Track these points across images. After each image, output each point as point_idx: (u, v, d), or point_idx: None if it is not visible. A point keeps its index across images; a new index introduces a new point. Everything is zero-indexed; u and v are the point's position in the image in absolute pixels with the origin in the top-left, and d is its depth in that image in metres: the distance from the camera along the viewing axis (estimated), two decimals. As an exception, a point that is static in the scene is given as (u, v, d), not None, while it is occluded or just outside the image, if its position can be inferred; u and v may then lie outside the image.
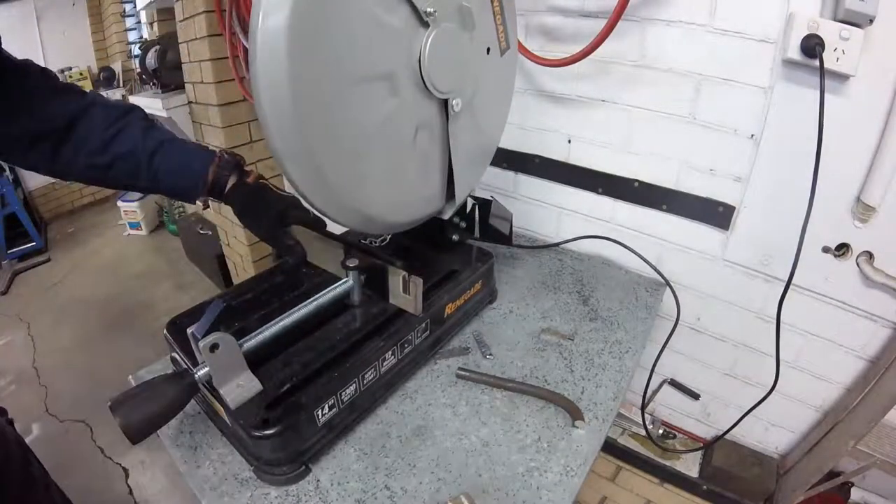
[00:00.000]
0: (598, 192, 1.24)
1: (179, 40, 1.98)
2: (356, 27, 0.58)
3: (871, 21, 0.79)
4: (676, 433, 1.45)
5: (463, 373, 0.83)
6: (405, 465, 0.69)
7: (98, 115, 0.68)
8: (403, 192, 0.78)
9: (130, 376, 0.84)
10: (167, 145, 0.71)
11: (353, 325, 0.77)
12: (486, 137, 0.93)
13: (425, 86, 0.69)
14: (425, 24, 0.66)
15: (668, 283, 1.13)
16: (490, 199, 1.00)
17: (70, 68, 3.53)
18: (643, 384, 1.25)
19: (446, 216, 0.90)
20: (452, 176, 0.84)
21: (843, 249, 0.99)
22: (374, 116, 0.65)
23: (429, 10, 0.65)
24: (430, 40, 0.67)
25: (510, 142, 1.33)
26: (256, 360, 0.65)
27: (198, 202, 0.75)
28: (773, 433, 1.29)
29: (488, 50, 0.81)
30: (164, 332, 0.75)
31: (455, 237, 0.96)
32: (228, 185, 0.74)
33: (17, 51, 0.63)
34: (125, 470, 1.69)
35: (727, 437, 1.27)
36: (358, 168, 0.67)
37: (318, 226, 0.76)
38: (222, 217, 2.26)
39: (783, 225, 0.99)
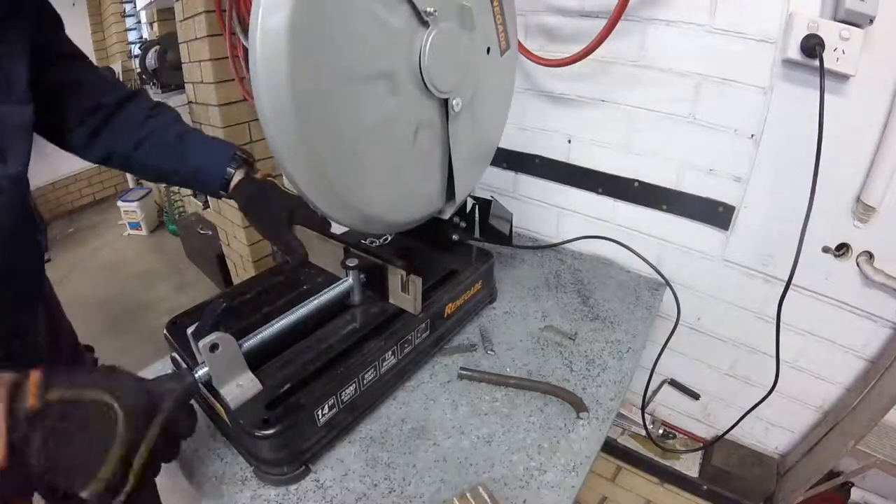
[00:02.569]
0: (598, 192, 1.24)
1: (179, 40, 1.98)
2: (356, 26, 0.58)
3: (871, 21, 0.79)
4: (676, 433, 1.45)
5: (465, 372, 0.83)
6: (405, 465, 0.69)
7: (142, 101, 0.77)
8: (403, 192, 0.78)
9: (130, 376, 0.84)
10: (195, 133, 0.78)
11: (353, 325, 0.77)
12: (487, 137, 0.93)
13: (425, 85, 0.69)
14: (425, 24, 0.66)
15: (668, 283, 1.13)
16: (490, 199, 1.00)
17: (70, 68, 3.53)
18: (643, 384, 1.25)
19: (446, 216, 0.90)
20: (452, 175, 0.84)
21: (843, 249, 0.99)
22: (375, 116, 0.65)
23: (429, 9, 0.65)
24: (430, 40, 0.66)
25: (510, 142, 1.33)
26: (256, 360, 0.65)
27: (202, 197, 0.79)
28: (773, 433, 1.29)
29: (488, 50, 0.81)
30: (164, 332, 0.75)
31: (455, 237, 0.96)
32: (235, 181, 0.76)
33: (17, 51, 0.63)
34: (125, 470, 1.68)
35: (727, 437, 1.27)
36: (358, 167, 0.67)
37: (323, 227, 0.77)
38: (222, 217, 2.26)
39: (783, 225, 0.99)
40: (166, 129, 0.76)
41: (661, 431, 1.45)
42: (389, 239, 1.02)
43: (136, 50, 3.44)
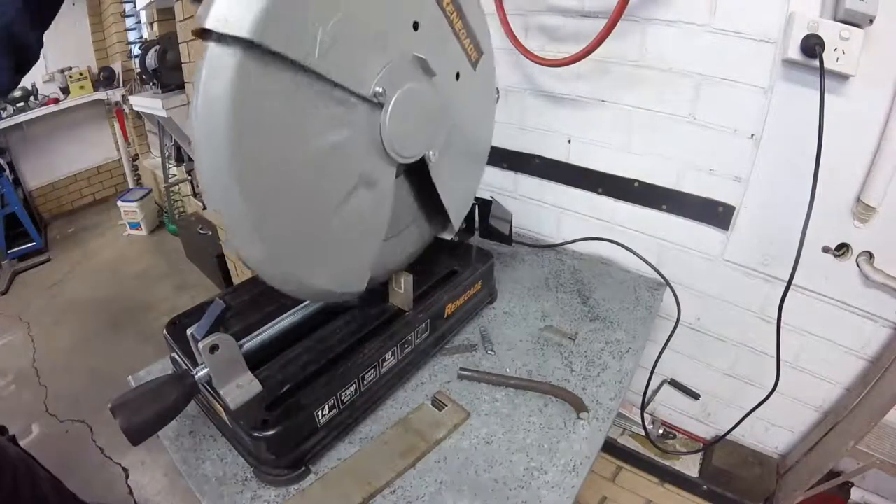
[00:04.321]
0: (598, 192, 1.24)
1: (179, 40, 1.98)
2: (315, 170, 0.56)
3: (871, 21, 0.79)
4: (676, 433, 1.45)
5: (465, 373, 0.83)
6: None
7: None
8: (389, 257, 0.77)
9: (130, 376, 0.84)
10: None
11: (353, 326, 0.77)
12: (474, 153, 0.88)
13: (399, 162, 0.67)
14: (378, 105, 0.61)
15: (668, 284, 1.13)
16: (490, 199, 1.00)
17: (70, 68, 3.53)
18: (643, 384, 1.25)
19: (449, 237, 0.90)
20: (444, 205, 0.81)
21: (843, 249, 0.99)
22: (354, 216, 0.63)
23: (377, 90, 0.59)
24: (388, 117, 0.62)
25: (510, 142, 1.33)
26: (256, 361, 0.65)
27: None
28: (773, 433, 1.29)
29: (458, 75, 0.74)
30: (164, 332, 0.75)
31: (455, 237, 0.96)
32: None
33: (17, 51, 0.63)
34: (125, 470, 1.69)
35: (727, 436, 1.27)
36: (334, 261, 0.63)
37: None
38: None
39: (783, 225, 0.99)
40: None
41: (661, 431, 1.45)
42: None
43: (136, 50, 3.44)
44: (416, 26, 0.63)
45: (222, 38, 0.45)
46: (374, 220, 0.68)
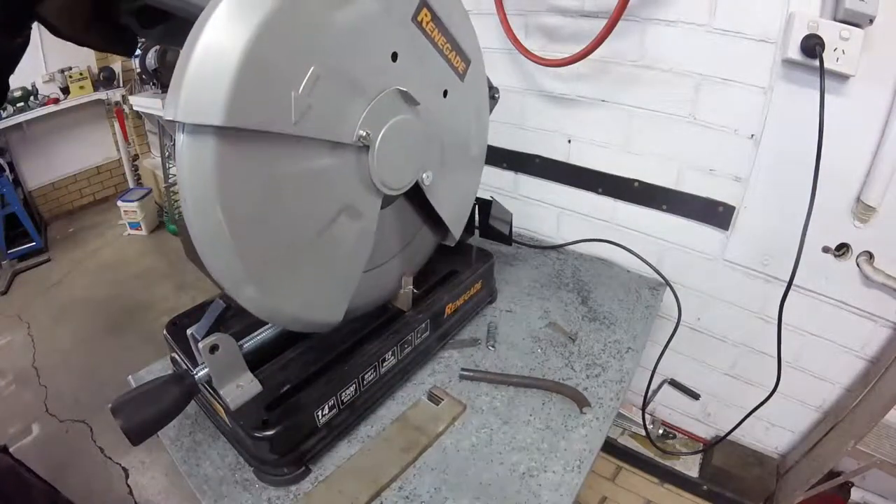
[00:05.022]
0: (598, 192, 1.24)
1: (179, 40, 1.97)
2: (298, 202, 0.55)
3: (871, 21, 0.79)
4: (676, 433, 1.45)
5: (466, 373, 0.83)
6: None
7: None
8: (371, 289, 0.75)
9: (130, 376, 0.84)
10: None
11: (353, 326, 0.77)
12: (470, 161, 0.85)
13: (389, 194, 0.66)
14: (365, 147, 0.60)
15: (668, 284, 1.13)
16: (490, 199, 1.00)
17: (70, 68, 3.52)
18: (643, 384, 1.25)
19: (451, 244, 0.89)
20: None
21: (843, 249, 0.99)
22: (343, 247, 0.62)
23: (361, 133, 0.58)
24: (375, 157, 0.60)
25: (510, 142, 1.33)
26: (256, 361, 0.65)
27: None
28: (773, 433, 1.29)
29: (445, 93, 0.71)
30: (164, 332, 0.75)
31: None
32: None
33: (17, 51, 0.62)
34: (125, 470, 1.69)
35: (727, 437, 1.27)
36: (310, 289, 0.61)
37: None
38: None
39: (783, 225, 0.99)
40: None
41: (661, 431, 1.45)
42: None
43: (136, 50, 3.43)
44: (394, 57, 0.60)
45: (195, 129, 0.44)
46: (356, 250, 0.65)
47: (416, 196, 0.75)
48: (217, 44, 0.43)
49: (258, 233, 0.52)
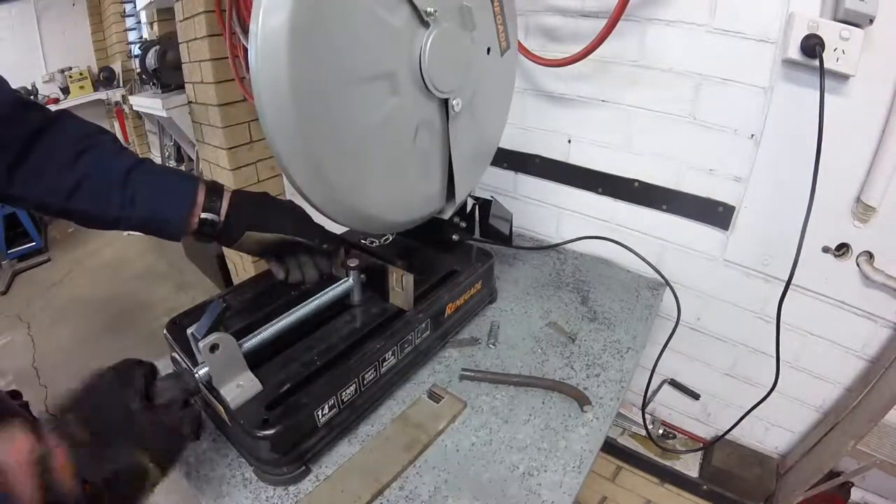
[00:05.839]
0: (598, 192, 1.24)
1: (179, 40, 1.98)
2: (357, 27, 0.58)
3: (871, 21, 0.79)
4: (676, 433, 1.45)
5: (467, 373, 0.83)
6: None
7: (68, 128, 0.58)
8: (403, 192, 0.78)
9: (130, 376, 0.84)
10: (147, 164, 0.62)
11: (353, 325, 0.77)
12: (487, 137, 0.93)
13: (426, 85, 0.69)
14: (425, 24, 0.66)
15: (668, 283, 1.13)
16: (490, 199, 1.00)
17: (70, 68, 3.53)
18: (643, 384, 1.25)
19: (447, 216, 0.90)
20: (452, 175, 0.84)
21: (843, 249, 0.99)
22: (375, 116, 0.65)
23: (429, 9, 0.65)
24: (430, 40, 0.67)
25: (510, 142, 1.33)
26: (256, 360, 0.65)
27: (183, 237, 0.64)
28: (773, 433, 1.29)
29: (488, 50, 0.81)
30: (164, 332, 0.75)
31: (455, 237, 0.96)
32: (224, 207, 0.64)
33: (18, 51, 0.62)
34: (125, 470, 1.69)
35: (727, 436, 1.27)
36: (358, 167, 0.67)
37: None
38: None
39: (783, 225, 0.99)
40: (106, 165, 0.59)
41: (661, 431, 1.45)
42: (390, 239, 1.02)
43: (136, 50, 3.44)
44: None
45: None
46: (435, 153, 0.78)
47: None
48: None
49: (324, 114, 0.58)
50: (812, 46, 0.82)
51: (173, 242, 3.24)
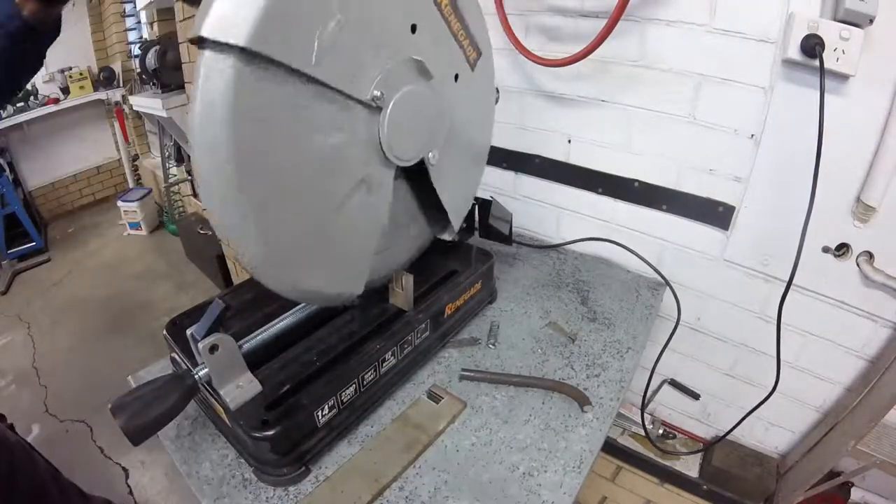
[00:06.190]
0: (598, 192, 1.24)
1: (179, 40, 1.98)
2: (314, 172, 0.56)
3: (871, 21, 0.79)
4: (676, 433, 1.45)
5: (467, 373, 0.83)
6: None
7: None
8: (388, 259, 0.77)
9: (130, 376, 0.84)
10: None
11: (353, 326, 0.77)
12: (473, 153, 0.88)
13: (397, 164, 0.66)
14: (377, 109, 0.61)
15: (668, 283, 1.13)
16: (490, 199, 1.00)
17: (70, 68, 3.53)
18: (643, 384, 1.25)
19: (448, 238, 0.90)
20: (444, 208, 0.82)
21: (843, 249, 0.99)
22: (353, 218, 0.63)
23: (375, 93, 0.59)
24: (386, 121, 0.62)
25: (510, 142, 1.33)
26: (256, 361, 0.65)
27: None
28: (773, 433, 1.29)
29: (456, 77, 0.74)
30: (164, 332, 0.75)
31: (455, 237, 0.96)
32: None
33: (17, 51, 0.62)
34: (125, 470, 1.69)
35: (727, 437, 1.27)
36: (332, 263, 0.63)
37: None
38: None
39: (783, 225, 0.99)
40: None
41: (661, 431, 1.45)
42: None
43: (136, 50, 3.44)
44: (413, 29, 0.62)
45: (218, 46, 0.45)
46: (373, 222, 0.68)
47: (418, 180, 0.76)
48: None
49: (265, 176, 0.52)
50: (812, 46, 0.82)
51: (173, 242, 3.24)
